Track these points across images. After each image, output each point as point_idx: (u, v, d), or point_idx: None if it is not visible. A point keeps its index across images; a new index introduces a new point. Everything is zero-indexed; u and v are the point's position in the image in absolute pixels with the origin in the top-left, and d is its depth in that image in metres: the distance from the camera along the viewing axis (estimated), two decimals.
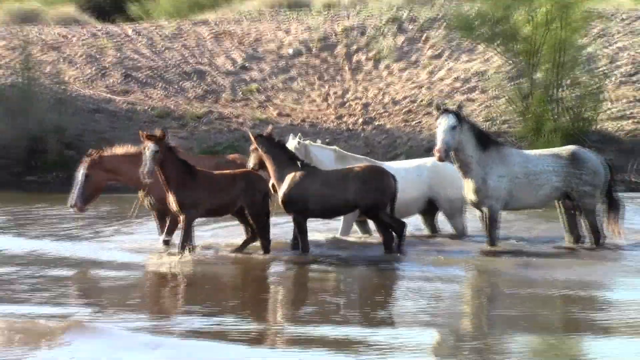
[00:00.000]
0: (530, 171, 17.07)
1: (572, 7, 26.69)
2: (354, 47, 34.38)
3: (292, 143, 18.40)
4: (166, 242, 17.44)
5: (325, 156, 18.69)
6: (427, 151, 24.19)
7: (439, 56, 33.48)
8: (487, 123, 28.69)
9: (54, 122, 29.41)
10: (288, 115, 30.71)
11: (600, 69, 29.81)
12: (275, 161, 17.17)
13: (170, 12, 43.60)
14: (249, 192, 16.89)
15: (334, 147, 19.89)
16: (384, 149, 28.12)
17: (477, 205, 17.20)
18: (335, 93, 31.84)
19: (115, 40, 36.29)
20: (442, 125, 16.88)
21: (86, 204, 17.27)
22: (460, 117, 16.91)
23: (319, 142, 20.26)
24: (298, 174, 17.03)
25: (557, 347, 11.06)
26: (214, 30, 36.60)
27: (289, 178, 16.96)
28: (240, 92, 32.24)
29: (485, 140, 17.25)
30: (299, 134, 20.15)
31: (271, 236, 17.23)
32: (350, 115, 30.55)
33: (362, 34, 35.06)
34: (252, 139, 17.19)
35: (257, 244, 17.24)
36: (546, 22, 26.63)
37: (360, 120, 30.14)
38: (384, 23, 35.49)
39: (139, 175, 16.50)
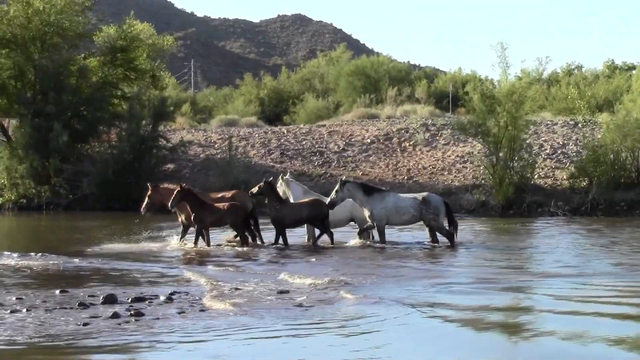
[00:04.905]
0: (398, 206, 16.84)
1: (518, 119, 26.13)
2: (402, 138, 33.36)
3: (279, 179, 17.83)
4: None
5: (296, 190, 17.80)
6: (441, 193, 23.74)
7: (447, 144, 32.57)
8: (474, 180, 28.04)
9: (244, 178, 29.27)
10: (367, 175, 29.81)
11: (534, 151, 29.24)
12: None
13: (305, 120, 44.07)
14: (230, 214, 16.64)
15: (304, 186, 18.80)
16: (418, 192, 24.02)
17: (372, 223, 16.95)
18: (392, 163, 31.14)
19: (276, 134, 36.14)
20: (333, 190, 17.07)
21: None
22: (341, 185, 16.76)
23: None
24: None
25: None
26: (328, 130, 35.89)
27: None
28: (342, 162, 31.60)
29: (370, 190, 16.97)
30: (289, 172, 20.36)
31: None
32: (400, 175, 29.81)
33: (407, 132, 34.01)
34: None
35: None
36: (505, 126, 26.05)
37: (406, 177, 29.49)
38: (418, 126, 34.63)
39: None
